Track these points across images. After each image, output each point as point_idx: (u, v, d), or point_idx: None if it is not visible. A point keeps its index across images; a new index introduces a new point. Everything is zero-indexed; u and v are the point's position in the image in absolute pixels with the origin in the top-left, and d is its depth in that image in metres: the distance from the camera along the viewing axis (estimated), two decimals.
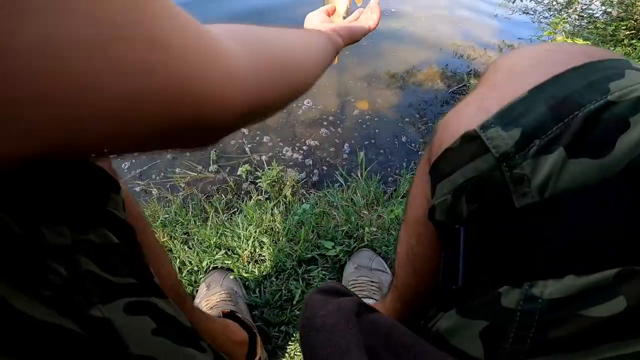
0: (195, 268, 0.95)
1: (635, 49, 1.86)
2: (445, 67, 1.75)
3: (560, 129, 0.29)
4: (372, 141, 1.39)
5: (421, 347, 0.34)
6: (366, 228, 0.97)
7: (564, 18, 2.16)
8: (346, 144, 1.36)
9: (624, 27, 1.98)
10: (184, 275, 0.94)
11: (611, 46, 1.93)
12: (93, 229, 0.29)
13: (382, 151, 1.36)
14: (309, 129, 1.41)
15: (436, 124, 0.41)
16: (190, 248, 0.98)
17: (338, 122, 1.45)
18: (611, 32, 1.99)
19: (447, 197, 0.34)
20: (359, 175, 1.20)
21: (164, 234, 1.01)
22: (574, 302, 0.28)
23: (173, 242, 0.99)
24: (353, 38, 0.57)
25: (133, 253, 0.33)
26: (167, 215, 1.05)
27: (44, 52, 0.15)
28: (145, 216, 0.49)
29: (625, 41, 1.93)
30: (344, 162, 1.29)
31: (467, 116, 0.34)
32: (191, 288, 0.93)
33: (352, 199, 1.06)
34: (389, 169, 1.29)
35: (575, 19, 2.31)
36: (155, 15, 0.19)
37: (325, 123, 1.44)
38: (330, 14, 0.64)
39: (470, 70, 1.75)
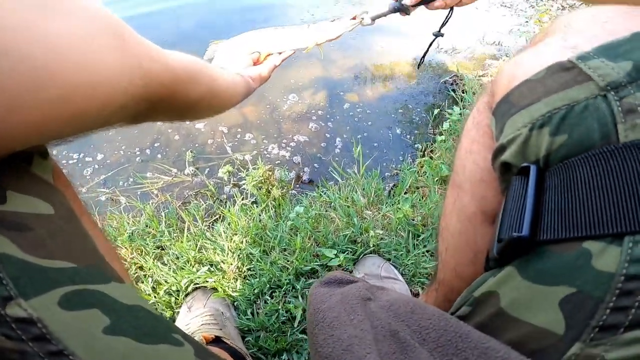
0: (174, 288, 0.80)
1: None
2: (430, 60, 1.67)
3: None
4: (365, 134, 1.27)
5: (459, 329, 0.30)
6: (371, 231, 0.84)
7: (547, 9, 2.11)
8: (338, 139, 1.24)
9: None
10: (160, 296, 0.78)
11: None
12: (14, 196, 0.23)
13: (376, 144, 1.24)
14: (296, 125, 1.28)
15: (494, 75, 0.40)
16: (165, 264, 0.83)
17: (328, 116, 1.32)
18: None
19: (522, 131, 0.31)
20: (355, 171, 1.07)
21: (132, 249, 0.85)
22: None
23: (144, 258, 0.84)
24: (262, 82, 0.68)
25: (72, 227, 0.26)
26: (136, 227, 0.89)
27: None
28: (81, 201, 0.40)
29: None
30: (337, 158, 1.16)
31: (548, 53, 0.33)
32: (170, 312, 0.78)
33: (351, 198, 0.93)
34: (384, 164, 1.18)
35: (557, 8, 2.28)
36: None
37: (314, 117, 1.31)
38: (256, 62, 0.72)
39: (455, 62, 1.66)
